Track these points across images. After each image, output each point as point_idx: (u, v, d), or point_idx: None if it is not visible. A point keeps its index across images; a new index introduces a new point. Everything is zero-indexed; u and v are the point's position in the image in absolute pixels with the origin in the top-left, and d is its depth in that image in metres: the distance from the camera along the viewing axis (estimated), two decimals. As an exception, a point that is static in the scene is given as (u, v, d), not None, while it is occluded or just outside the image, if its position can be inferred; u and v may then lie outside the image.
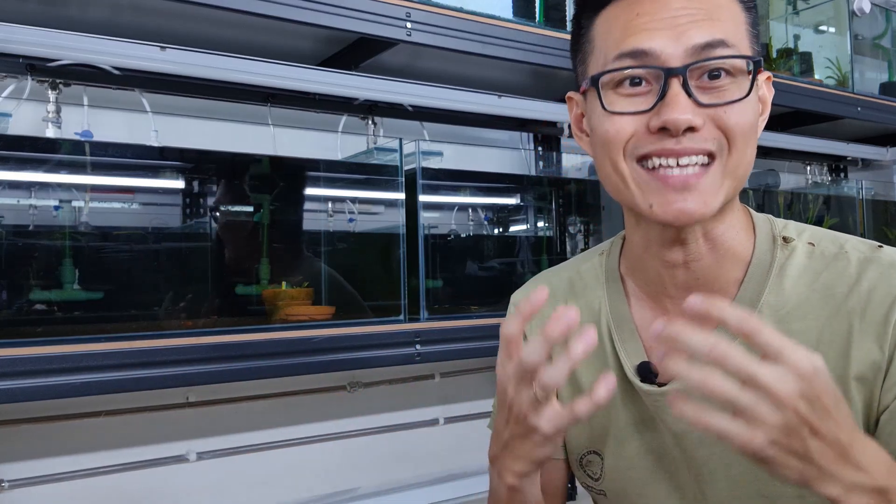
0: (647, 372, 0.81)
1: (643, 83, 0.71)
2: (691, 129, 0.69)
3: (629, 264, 0.86)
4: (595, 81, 0.74)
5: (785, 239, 0.79)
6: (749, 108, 0.72)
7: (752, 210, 0.83)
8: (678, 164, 0.70)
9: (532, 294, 0.63)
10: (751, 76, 0.71)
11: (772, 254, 0.78)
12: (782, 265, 0.77)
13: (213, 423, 1.53)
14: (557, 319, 0.61)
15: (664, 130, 0.69)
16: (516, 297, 0.97)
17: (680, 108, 0.68)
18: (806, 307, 0.75)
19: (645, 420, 0.82)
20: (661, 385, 0.79)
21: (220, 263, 1.47)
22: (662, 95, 0.69)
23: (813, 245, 0.79)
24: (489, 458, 0.75)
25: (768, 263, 0.78)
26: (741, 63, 0.71)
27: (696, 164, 0.70)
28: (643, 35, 0.71)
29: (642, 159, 0.72)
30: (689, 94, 0.69)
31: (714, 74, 0.70)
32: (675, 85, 0.69)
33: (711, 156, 0.70)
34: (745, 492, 0.77)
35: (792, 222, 0.82)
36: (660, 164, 0.71)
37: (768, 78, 0.79)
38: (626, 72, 0.71)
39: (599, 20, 0.76)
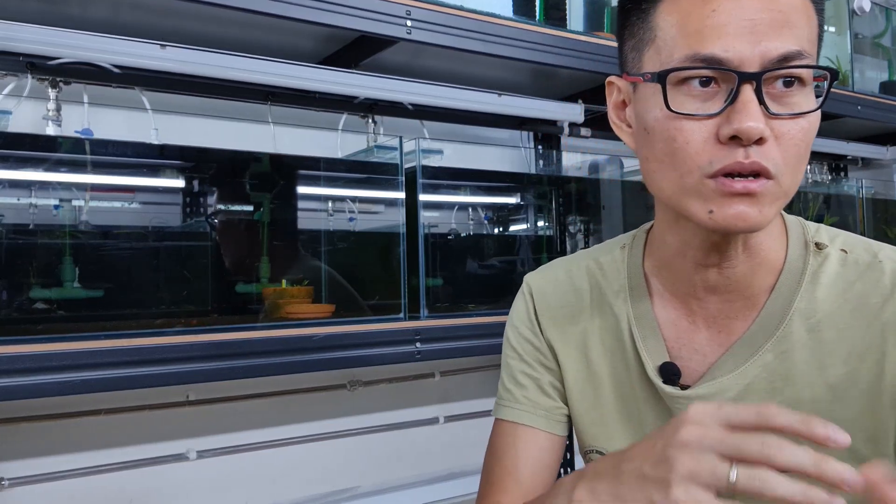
0: (669, 373, 0.79)
1: (712, 84, 0.67)
2: (760, 139, 0.65)
3: (656, 263, 0.83)
4: (662, 78, 0.68)
5: (818, 245, 0.77)
6: (814, 123, 0.69)
7: (783, 212, 0.80)
8: (741, 175, 0.66)
9: None
10: (826, 86, 0.68)
11: (804, 260, 0.76)
12: (815, 272, 0.76)
13: (213, 421, 1.53)
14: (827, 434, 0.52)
15: (735, 139, 0.65)
16: (532, 278, 0.94)
17: (753, 116, 0.64)
18: (838, 317, 0.74)
19: (665, 421, 0.79)
20: (683, 387, 0.78)
21: (220, 262, 1.47)
22: (733, 100, 0.65)
23: (846, 252, 0.77)
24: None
25: (801, 270, 0.76)
26: (820, 74, 0.68)
27: (756, 178, 0.66)
28: (721, 41, 0.65)
29: (714, 176, 0.67)
30: (761, 102, 0.65)
31: (788, 81, 0.67)
32: (748, 91, 0.65)
33: (768, 176, 0.66)
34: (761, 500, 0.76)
35: (823, 226, 0.80)
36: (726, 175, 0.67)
37: None
38: (695, 72, 0.66)
39: (665, 6, 0.69)
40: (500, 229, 1.98)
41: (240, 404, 1.54)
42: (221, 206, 1.48)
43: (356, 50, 1.55)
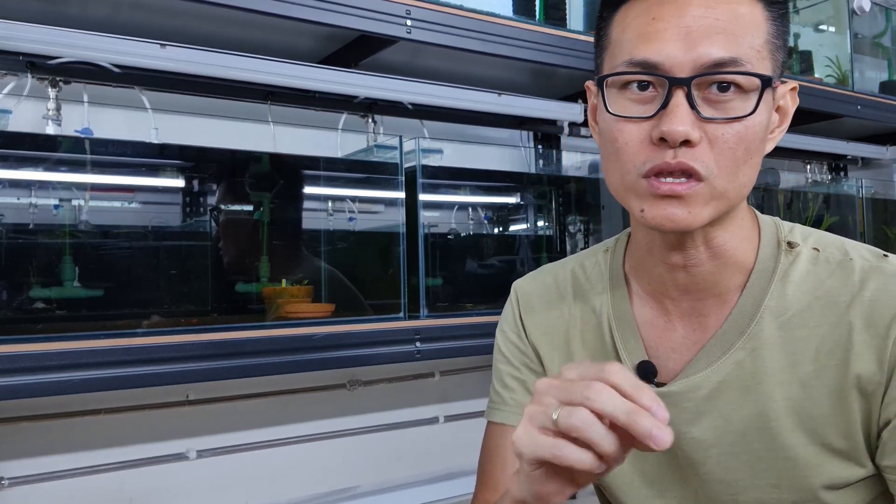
0: (646, 371, 0.80)
1: (650, 88, 0.70)
2: (688, 142, 0.68)
3: (633, 263, 0.86)
4: (601, 83, 0.73)
5: (790, 244, 0.78)
6: (753, 127, 0.70)
7: (758, 213, 0.82)
8: (671, 175, 0.69)
9: None
10: (758, 93, 0.69)
11: (775, 259, 0.78)
12: (786, 271, 0.77)
13: (212, 421, 1.53)
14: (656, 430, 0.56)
15: (663, 141, 0.68)
16: (519, 284, 0.97)
17: (678, 120, 0.67)
18: (808, 314, 0.75)
19: None
20: (660, 385, 0.80)
21: (220, 261, 1.47)
22: (665, 104, 0.68)
23: (818, 250, 0.78)
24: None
25: (772, 269, 0.77)
26: (754, 82, 0.69)
27: (685, 179, 0.69)
28: (655, 45, 0.69)
29: (647, 175, 0.71)
30: (693, 106, 0.68)
31: (723, 86, 0.69)
32: (679, 95, 0.68)
33: (698, 178, 0.69)
34: (742, 498, 0.77)
35: (798, 226, 0.82)
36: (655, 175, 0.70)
37: (793, 89, 0.77)
38: (630, 76, 0.71)
39: (618, 16, 0.74)
40: (500, 229, 1.98)
41: (239, 404, 1.54)
42: (221, 206, 1.48)
43: (356, 49, 1.55)
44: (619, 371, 0.58)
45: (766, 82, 0.69)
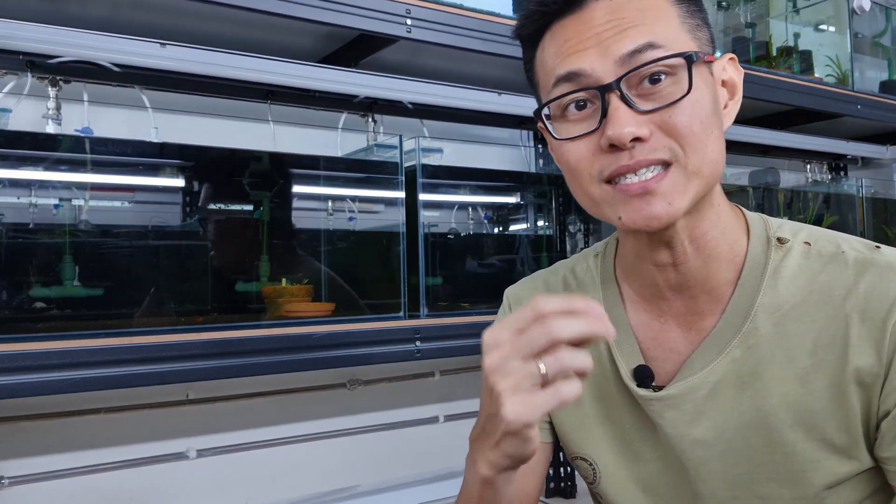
0: (643, 376, 0.81)
1: (587, 105, 0.72)
2: (639, 139, 0.69)
3: (623, 268, 0.86)
4: (538, 115, 0.77)
5: (780, 239, 0.79)
6: (697, 103, 0.71)
7: (745, 211, 0.82)
8: (636, 174, 0.70)
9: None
10: (687, 71, 0.70)
11: (766, 255, 0.78)
12: (777, 266, 0.77)
13: (213, 420, 1.53)
14: (593, 315, 0.60)
15: (614, 147, 0.70)
16: (511, 290, 0.97)
17: (620, 122, 0.69)
18: (803, 309, 0.75)
19: (642, 422, 0.82)
20: (657, 388, 0.80)
21: (219, 261, 1.47)
22: (604, 113, 0.70)
23: (809, 245, 0.78)
24: (469, 441, 0.73)
25: (762, 265, 0.77)
26: (679, 61, 0.70)
27: (654, 171, 0.70)
28: (572, 58, 0.72)
29: (608, 181, 0.72)
30: (630, 105, 0.69)
31: (654, 78, 0.70)
32: (614, 99, 0.70)
33: (666, 164, 0.70)
34: (742, 493, 0.77)
35: (788, 222, 0.82)
36: (620, 180, 0.71)
37: (731, 59, 0.78)
38: (564, 99, 0.73)
39: (538, 53, 0.78)
40: (500, 228, 1.98)
41: (240, 403, 1.54)
42: (221, 205, 1.48)
43: (356, 48, 1.55)
44: (547, 301, 0.60)
45: (689, 59, 0.70)
